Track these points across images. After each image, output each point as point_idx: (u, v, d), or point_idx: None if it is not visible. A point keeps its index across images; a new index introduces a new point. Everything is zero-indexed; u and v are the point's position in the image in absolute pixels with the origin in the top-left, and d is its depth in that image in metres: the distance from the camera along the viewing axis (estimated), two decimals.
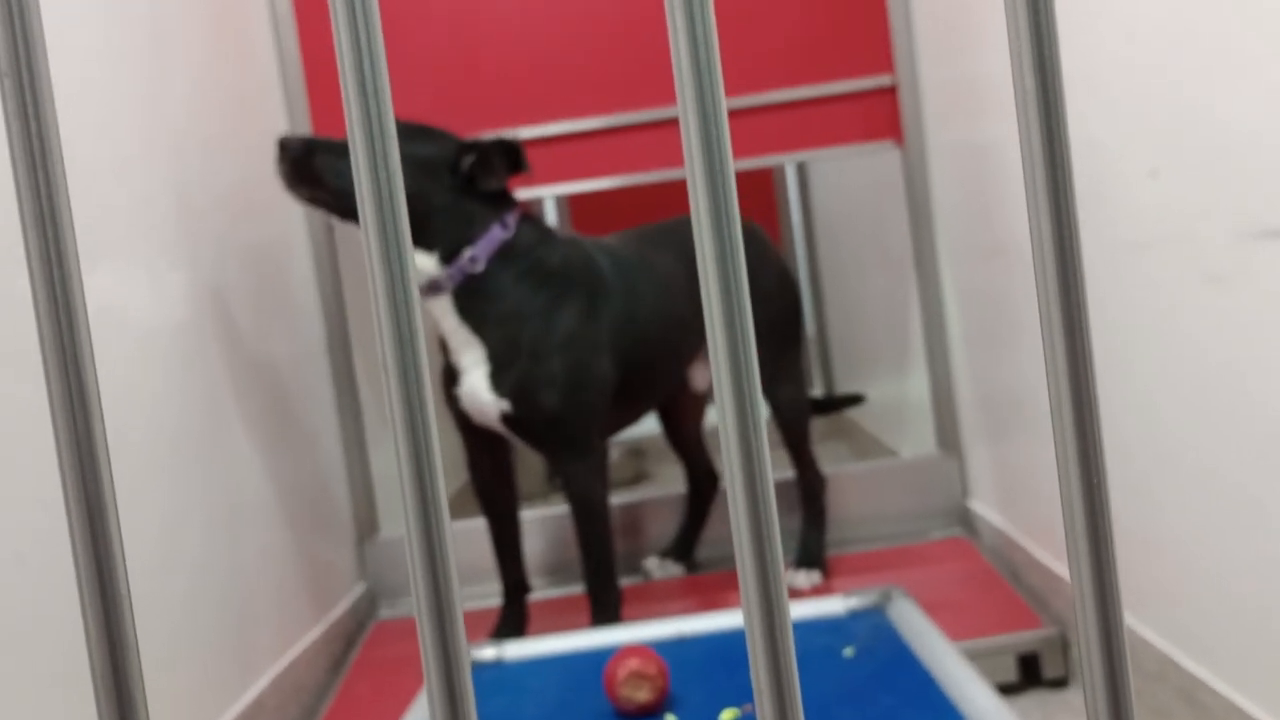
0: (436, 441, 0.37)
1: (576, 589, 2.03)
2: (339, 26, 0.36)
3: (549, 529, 2.14)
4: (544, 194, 2.18)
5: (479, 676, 1.48)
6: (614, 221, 2.01)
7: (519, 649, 1.53)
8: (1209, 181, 1.10)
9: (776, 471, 1.86)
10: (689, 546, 2.09)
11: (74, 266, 0.37)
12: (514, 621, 1.82)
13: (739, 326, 0.37)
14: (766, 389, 1.93)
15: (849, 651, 1.39)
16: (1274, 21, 0.97)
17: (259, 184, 1.92)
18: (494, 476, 1.81)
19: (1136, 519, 1.35)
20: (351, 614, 2.01)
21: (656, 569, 2.07)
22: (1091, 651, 0.38)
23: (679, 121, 2.14)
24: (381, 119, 0.36)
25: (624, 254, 1.81)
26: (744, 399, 0.37)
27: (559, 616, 1.89)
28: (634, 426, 1.88)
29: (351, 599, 2.04)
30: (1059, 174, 0.37)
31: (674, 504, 2.15)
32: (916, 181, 2.12)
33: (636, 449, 2.88)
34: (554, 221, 3.30)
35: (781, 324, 1.94)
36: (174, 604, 1.38)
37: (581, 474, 1.69)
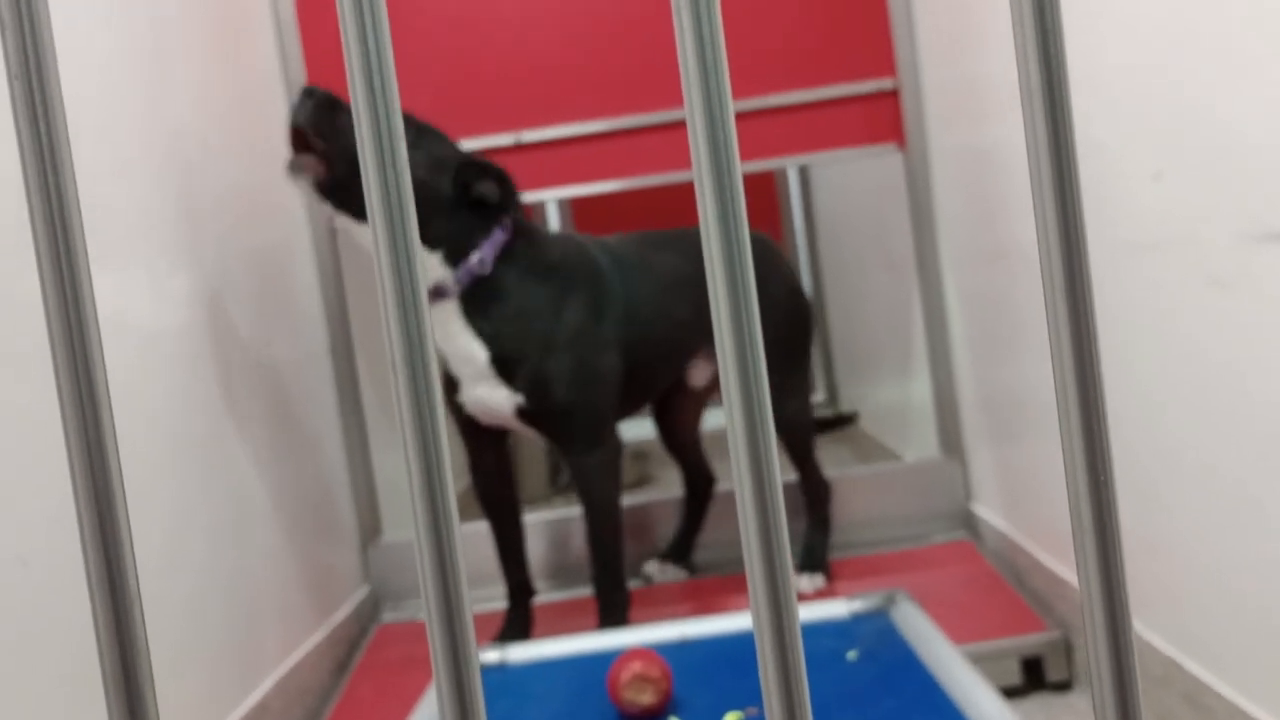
0: (446, 444, 0.37)
1: (581, 592, 2.03)
2: (347, 32, 0.36)
3: (552, 532, 2.14)
4: (547, 197, 2.18)
5: (483, 680, 1.48)
6: (616, 225, 2.01)
7: (523, 652, 1.53)
8: (1211, 183, 1.10)
9: (780, 475, 1.85)
10: (687, 549, 2.09)
11: (84, 268, 0.37)
12: (518, 624, 1.82)
13: (746, 327, 0.37)
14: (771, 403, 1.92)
15: (853, 655, 1.39)
16: (1275, 22, 0.97)
17: (262, 187, 1.92)
18: (496, 480, 1.81)
19: (1140, 521, 1.35)
20: (355, 617, 2.01)
21: (657, 573, 2.07)
22: (1099, 654, 0.38)
23: (682, 124, 2.13)
24: (390, 122, 0.36)
25: (620, 250, 1.82)
26: (752, 400, 0.37)
27: (563, 619, 1.89)
28: (637, 429, 1.88)
29: (355, 602, 2.04)
30: (1065, 175, 0.37)
31: (676, 507, 2.15)
32: (919, 185, 2.13)
33: (640, 452, 2.88)
34: (556, 224, 3.30)
35: (788, 339, 1.94)
36: (178, 608, 1.38)
37: (594, 469, 1.69)
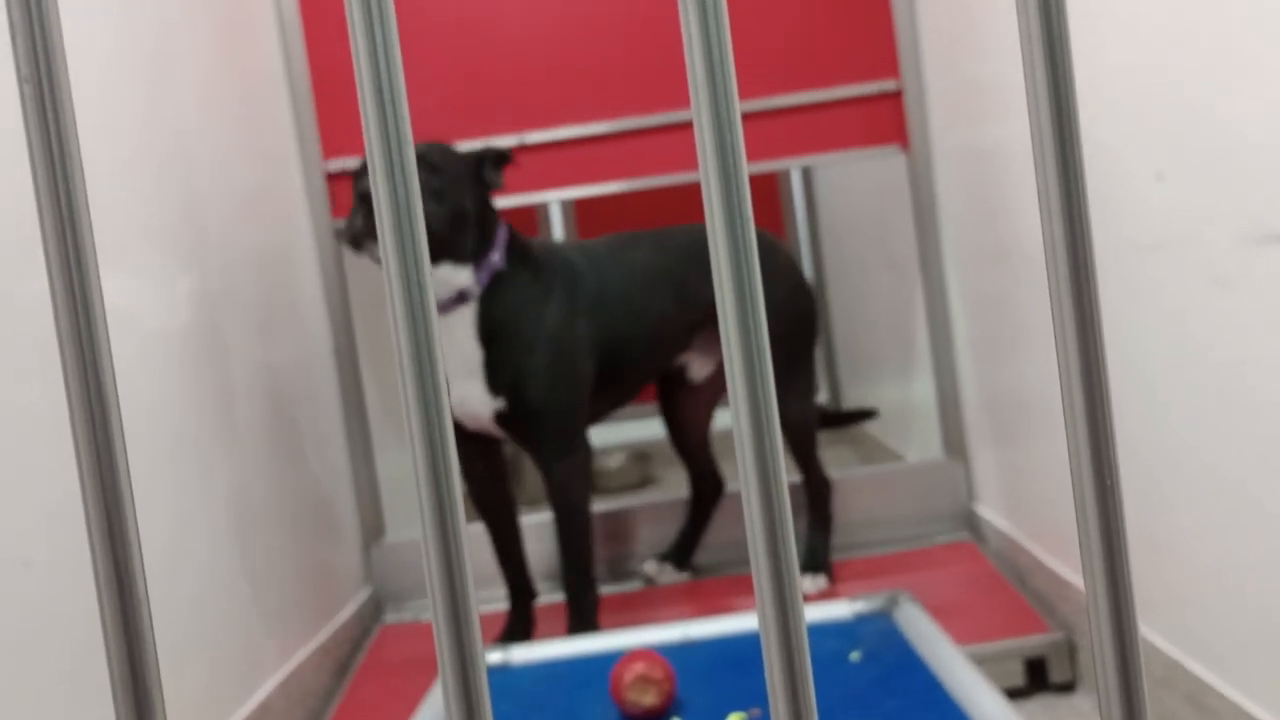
0: (453, 447, 0.37)
1: None
2: (357, 42, 0.36)
3: (553, 534, 2.14)
4: (550, 198, 2.18)
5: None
6: (619, 226, 2.01)
7: (525, 653, 1.53)
8: (1213, 184, 1.10)
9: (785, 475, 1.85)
10: (688, 552, 2.08)
11: (93, 270, 0.37)
12: (520, 626, 1.82)
13: (753, 330, 0.37)
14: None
15: (855, 656, 1.39)
16: (1275, 22, 0.97)
17: (266, 191, 1.92)
18: (489, 485, 1.81)
19: (1143, 522, 1.35)
20: (357, 618, 2.02)
21: (656, 573, 2.06)
22: (1105, 655, 0.38)
23: (685, 125, 2.14)
24: (399, 129, 0.36)
25: (595, 248, 1.82)
26: (758, 397, 0.37)
27: (565, 621, 1.89)
28: (640, 429, 1.88)
29: (357, 603, 2.04)
30: (1071, 175, 0.37)
31: (677, 508, 2.15)
32: (922, 186, 2.13)
33: (643, 453, 2.87)
34: (559, 226, 3.30)
35: (792, 337, 1.93)
36: (181, 608, 1.39)
37: (566, 474, 1.69)
